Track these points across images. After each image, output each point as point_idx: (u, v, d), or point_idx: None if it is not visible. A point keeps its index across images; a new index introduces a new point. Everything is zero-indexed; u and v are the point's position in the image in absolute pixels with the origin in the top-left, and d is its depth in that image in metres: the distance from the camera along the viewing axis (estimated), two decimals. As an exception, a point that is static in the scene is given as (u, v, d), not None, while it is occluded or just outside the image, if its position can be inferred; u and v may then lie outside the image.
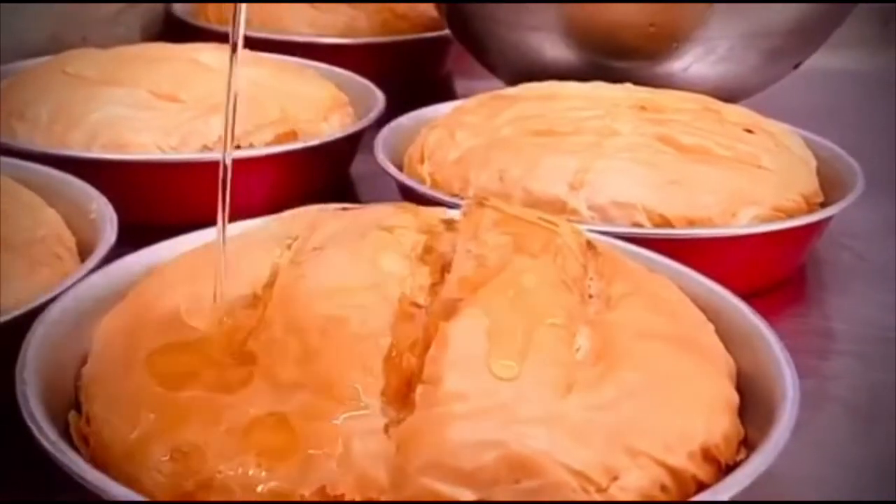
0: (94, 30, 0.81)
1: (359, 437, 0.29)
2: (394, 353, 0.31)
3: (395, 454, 0.29)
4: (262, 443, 0.29)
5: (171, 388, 0.31)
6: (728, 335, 0.38)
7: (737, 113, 0.57)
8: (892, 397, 0.45)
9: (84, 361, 0.36)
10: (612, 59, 0.67)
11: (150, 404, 0.31)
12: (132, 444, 0.30)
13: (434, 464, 0.29)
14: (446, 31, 0.81)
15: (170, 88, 0.59)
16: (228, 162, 0.32)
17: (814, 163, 0.57)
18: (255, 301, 0.34)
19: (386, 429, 0.30)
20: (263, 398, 0.30)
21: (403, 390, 0.31)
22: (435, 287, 0.35)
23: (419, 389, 0.30)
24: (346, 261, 0.35)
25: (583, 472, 0.29)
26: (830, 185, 0.55)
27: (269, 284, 0.35)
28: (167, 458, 0.30)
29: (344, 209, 0.41)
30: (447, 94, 0.84)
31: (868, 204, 0.53)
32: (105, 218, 0.46)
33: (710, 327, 0.38)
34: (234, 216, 0.43)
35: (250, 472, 0.29)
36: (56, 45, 0.69)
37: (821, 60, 0.74)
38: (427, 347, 0.32)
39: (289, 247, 0.38)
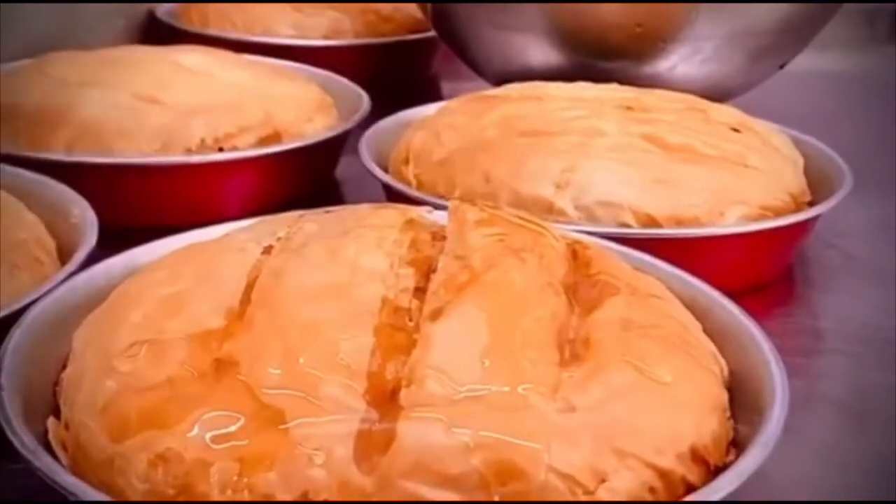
0: (97, 19, 0.81)
1: (341, 442, 0.29)
2: (377, 356, 0.31)
3: (379, 458, 0.28)
4: (244, 448, 0.29)
5: (150, 393, 0.30)
6: (716, 335, 0.37)
7: (723, 112, 0.57)
8: (881, 396, 0.45)
9: (65, 366, 0.35)
10: (598, 59, 0.67)
11: (127, 409, 0.30)
12: (111, 449, 0.30)
13: (419, 468, 0.28)
14: (432, 33, 0.80)
15: (151, 91, 0.59)
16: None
17: (801, 161, 0.56)
18: (236, 303, 0.33)
19: (369, 432, 0.29)
20: (244, 402, 0.29)
21: (387, 393, 0.30)
22: (419, 288, 0.34)
23: (403, 392, 0.30)
24: (328, 260, 0.35)
25: (570, 474, 0.29)
26: (818, 184, 0.55)
27: (250, 285, 0.34)
28: (146, 464, 0.29)
29: (326, 212, 0.41)
30: (433, 95, 0.84)
31: (855, 203, 0.53)
32: (86, 221, 0.46)
33: (699, 326, 0.37)
34: (217, 220, 0.44)
35: (232, 479, 0.28)
36: (61, 37, 0.69)
37: (807, 61, 0.74)
38: (411, 349, 0.31)
39: (270, 247, 0.37)
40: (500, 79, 0.67)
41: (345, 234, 0.36)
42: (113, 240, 0.44)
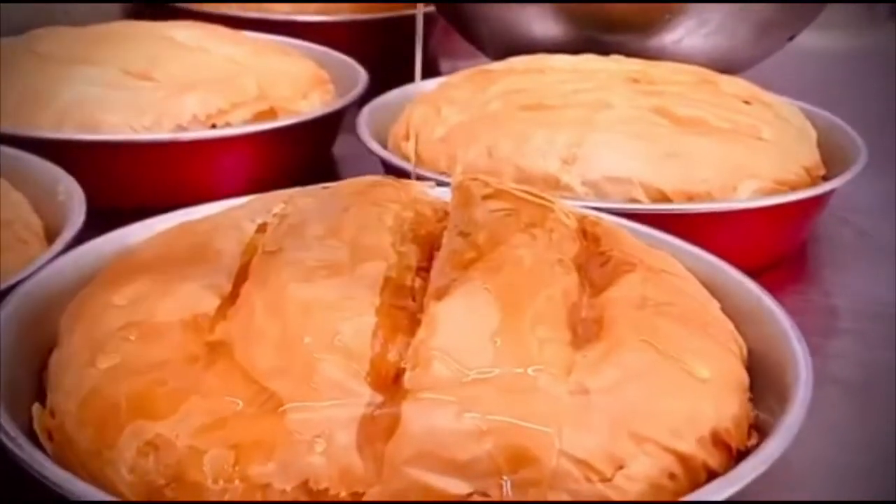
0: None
1: (343, 427, 0.27)
2: (379, 337, 0.29)
3: (383, 445, 0.27)
4: (239, 435, 0.27)
5: (140, 379, 0.29)
6: (734, 313, 0.36)
7: (734, 84, 0.56)
8: (896, 376, 0.44)
9: (52, 350, 0.34)
10: (602, 32, 0.65)
11: (116, 395, 0.28)
12: (98, 438, 0.28)
13: (425, 454, 0.27)
14: (430, 8, 0.78)
15: (143, 67, 0.58)
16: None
17: (814, 135, 0.55)
18: (230, 283, 0.32)
19: (372, 418, 0.27)
20: (239, 387, 0.28)
21: (390, 376, 0.29)
22: (423, 266, 0.33)
23: (407, 375, 0.28)
24: (327, 238, 0.33)
25: (586, 460, 0.27)
26: (831, 158, 0.54)
27: (245, 265, 0.33)
28: (135, 452, 0.27)
29: (324, 188, 0.39)
30: (432, 73, 0.82)
31: (867, 178, 0.52)
32: (73, 200, 0.44)
33: (716, 304, 0.36)
34: (210, 199, 0.42)
35: (226, 467, 0.27)
36: (39, 19, 0.68)
37: (809, 41, 0.73)
38: (415, 330, 0.30)
39: (265, 225, 0.35)
40: (501, 53, 0.65)
41: (344, 211, 0.35)
42: (102, 220, 0.42)
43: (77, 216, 0.42)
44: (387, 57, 0.77)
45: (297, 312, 0.30)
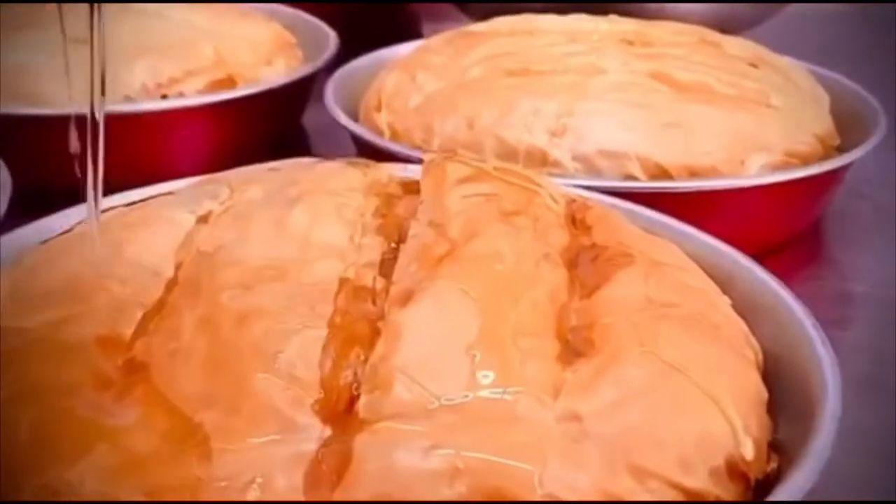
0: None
1: (283, 469, 0.23)
2: (331, 353, 0.25)
3: (332, 489, 0.23)
4: (156, 479, 0.23)
5: (41, 407, 0.24)
6: (745, 308, 0.32)
7: (738, 45, 0.53)
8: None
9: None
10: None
11: (12, 429, 0.24)
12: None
13: (383, 500, 0.23)
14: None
15: (89, 30, 0.53)
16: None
17: (827, 100, 0.52)
18: (157, 287, 0.28)
19: (319, 455, 0.24)
20: (159, 418, 0.24)
21: (343, 402, 0.25)
22: (387, 264, 0.29)
23: (363, 400, 0.24)
24: (273, 234, 0.29)
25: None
26: (845, 126, 0.51)
27: (177, 265, 0.29)
28: (31, 496, 0.23)
29: (275, 169, 0.35)
30: (411, 35, 0.78)
31: (883, 146, 0.48)
32: None
33: (726, 301, 0.32)
34: (160, 180, 0.39)
35: (140, 519, 0.22)
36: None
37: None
38: (374, 342, 0.26)
39: (205, 217, 0.31)
40: (486, 14, 0.62)
41: (296, 202, 0.31)
42: (39, 203, 0.38)
43: (0, 205, 0.38)
44: (360, 19, 0.73)
45: (231, 325, 0.26)
